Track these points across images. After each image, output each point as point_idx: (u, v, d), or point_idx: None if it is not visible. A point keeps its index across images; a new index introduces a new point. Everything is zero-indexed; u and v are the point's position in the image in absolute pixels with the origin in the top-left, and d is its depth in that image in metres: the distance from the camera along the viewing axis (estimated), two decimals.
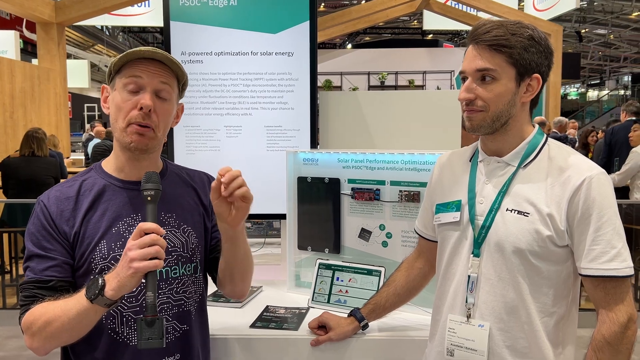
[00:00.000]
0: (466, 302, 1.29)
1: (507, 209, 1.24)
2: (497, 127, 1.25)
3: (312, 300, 1.87)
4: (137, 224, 1.17)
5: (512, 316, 1.24)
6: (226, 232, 1.31)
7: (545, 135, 1.30)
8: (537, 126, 1.31)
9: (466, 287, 1.29)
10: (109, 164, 1.31)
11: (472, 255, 1.29)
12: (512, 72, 1.21)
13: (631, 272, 1.17)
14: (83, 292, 1.11)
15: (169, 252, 1.28)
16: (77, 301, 1.11)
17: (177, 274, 1.31)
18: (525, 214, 1.22)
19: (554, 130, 8.33)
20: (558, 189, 1.20)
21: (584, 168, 1.20)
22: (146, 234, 1.08)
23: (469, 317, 1.29)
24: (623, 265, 1.17)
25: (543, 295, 1.23)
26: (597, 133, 8.14)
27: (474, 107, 1.24)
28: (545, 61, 1.25)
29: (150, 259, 1.06)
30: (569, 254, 1.23)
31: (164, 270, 1.28)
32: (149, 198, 1.14)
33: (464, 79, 1.27)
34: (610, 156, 5.94)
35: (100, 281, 1.09)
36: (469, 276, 1.28)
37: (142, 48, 1.23)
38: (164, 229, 1.22)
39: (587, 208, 1.18)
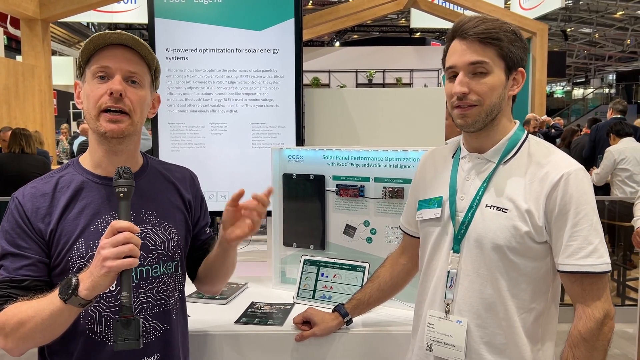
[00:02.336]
0: (445, 297, 1.30)
1: (486, 205, 1.25)
2: (488, 122, 1.25)
3: (297, 296, 1.88)
4: None
5: (490, 312, 1.25)
6: (223, 241, 1.32)
7: (525, 132, 1.31)
8: (517, 122, 1.32)
9: (445, 283, 1.30)
10: (86, 160, 1.28)
11: (451, 251, 1.30)
12: (502, 64, 1.23)
13: (608, 268, 1.18)
14: (56, 292, 1.08)
15: (150, 251, 1.26)
16: (50, 301, 1.08)
17: (158, 273, 1.28)
18: (504, 210, 1.23)
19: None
20: (537, 185, 1.21)
21: (562, 164, 1.21)
22: (120, 232, 1.05)
23: (447, 312, 1.30)
24: (599, 261, 1.17)
25: (521, 291, 1.23)
26: (581, 131, 8.26)
27: (467, 102, 1.22)
28: (525, 57, 1.28)
29: (125, 257, 1.04)
30: (548, 250, 1.23)
31: (144, 269, 1.25)
32: (121, 195, 1.10)
33: (453, 75, 1.25)
34: (594, 153, 6.04)
35: (73, 280, 1.06)
36: (448, 272, 1.30)
37: (108, 32, 1.19)
38: (144, 226, 1.24)
39: (564, 204, 1.18)
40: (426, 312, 1.35)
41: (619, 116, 6.01)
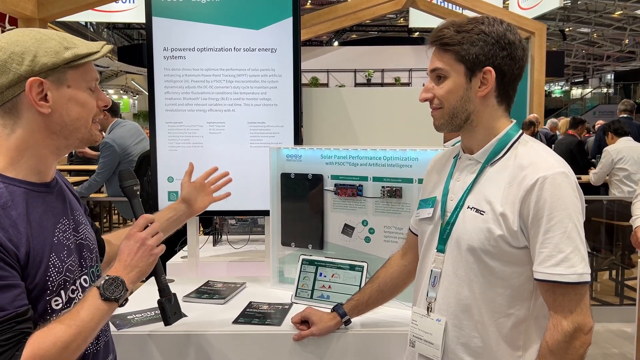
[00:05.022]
0: (427, 296, 1.31)
1: (468, 207, 1.25)
2: (459, 124, 1.26)
3: (296, 295, 1.87)
4: (69, 228, 1.15)
5: (466, 314, 1.24)
6: (180, 215, 1.65)
7: (519, 132, 1.28)
8: (512, 122, 1.29)
9: (427, 281, 1.32)
10: (13, 170, 1.08)
11: (435, 250, 1.31)
12: (461, 68, 1.22)
13: (580, 279, 1.12)
14: (95, 298, 1.07)
15: (91, 250, 1.23)
16: (95, 308, 1.06)
17: (99, 271, 1.27)
18: (481, 212, 1.21)
19: (545, 128, 8.43)
20: (515, 188, 1.18)
21: (541, 167, 1.16)
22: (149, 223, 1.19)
23: (429, 310, 1.31)
24: (569, 271, 1.12)
25: (498, 295, 1.21)
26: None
27: (433, 106, 1.28)
28: (502, 52, 1.21)
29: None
30: (530, 256, 1.19)
31: (93, 270, 1.23)
32: (137, 192, 1.24)
33: None
34: (600, 153, 6.07)
35: (119, 279, 1.10)
36: (432, 270, 1.31)
37: (103, 46, 1.14)
38: (83, 227, 1.22)
39: (538, 209, 1.14)
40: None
41: (625, 116, 6.10)
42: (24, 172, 1.09)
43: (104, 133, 4.56)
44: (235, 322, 1.69)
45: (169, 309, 1.28)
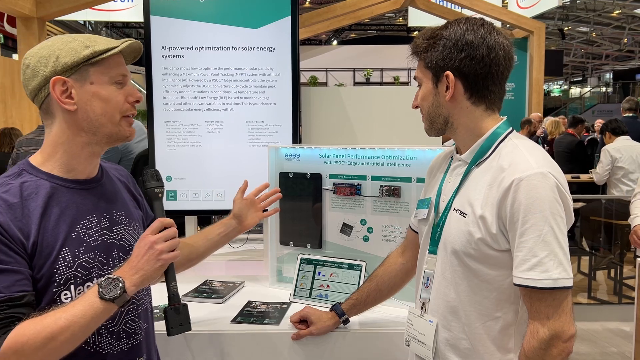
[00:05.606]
0: (420, 297, 1.32)
1: (454, 209, 1.24)
2: (440, 128, 1.28)
3: (294, 295, 1.87)
4: (95, 226, 1.18)
5: (454, 316, 1.24)
6: (230, 230, 1.64)
7: (507, 130, 1.24)
8: (501, 120, 1.25)
9: (422, 282, 1.32)
10: (49, 164, 1.17)
11: (428, 252, 1.31)
12: (429, 74, 1.26)
13: (554, 284, 1.08)
14: (92, 295, 1.05)
15: (127, 252, 1.24)
16: (88, 305, 1.04)
17: None
18: (464, 214, 1.20)
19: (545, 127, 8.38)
20: (494, 190, 1.15)
21: (519, 169, 1.12)
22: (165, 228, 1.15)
23: (423, 311, 1.31)
24: (543, 276, 1.08)
25: (484, 298, 1.19)
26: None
27: (421, 112, 1.32)
28: (459, 54, 1.19)
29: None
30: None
31: None
32: (160, 195, 1.24)
33: None
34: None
35: (119, 280, 1.07)
36: (424, 272, 1.31)
37: (132, 43, 1.19)
38: (119, 228, 1.24)
39: (513, 212, 1.11)
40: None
41: (631, 114, 6.08)
42: (57, 168, 1.16)
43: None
44: (234, 321, 1.69)
45: (172, 319, 1.20)
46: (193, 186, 2.34)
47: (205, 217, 3.02)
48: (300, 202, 2.00)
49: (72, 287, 1.12)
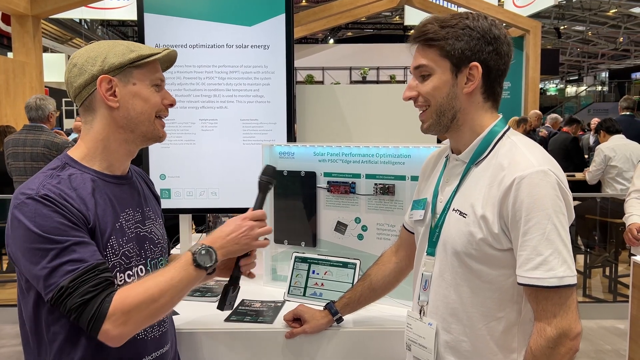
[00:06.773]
0: (419, 299, 1.30)
1: (453, 209, 1.22)
2: (446, 124, 1.22)
3: (288, 293, 1.87)
4: (132, 219, 1.27)
5: (454, 318, 1.22)
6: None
7: (504, 128, 1.23)
8: (498, 118, 1.24)
9: (419, 285, 1.30)
10: (89, 159, 1.24)
11: (426, 253, 1.29)
12: (446, 64, 1.19)
13: (560, 283, 1.07)
14: (187, 262, 1.16)
15: (156, 245, 1.34)
16: (185, 271, 1.15)
17: (163, 265, 1.36)
18: (464, 215, 1.19)
19: (547, 125, 8.40)
20: (495, 190, 1.14)
21: (520, 167, 1.11)
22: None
23: (421, 314, 1.29)
24: (548, 274, 1.07)
25: (486, 299, 1.18)
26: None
27: (418, 104, 1.25)
28: (488, 47, 1.17)
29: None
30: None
31: (154, 262, 1.32)
32: (269, 188, 1.40)
33: None
34: None
35: (213, 251, 1.19)
36: (422, 274, 1.29)
37: (171, 51, 1.29)
38: (149, 222, 1.34)
39: (515, 211, 1.10)
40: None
41: (627, 113, 6.07)
42: (98, 163, 1.24)
43: None
44: (228, 319, 1.69)
45: (229, 296, 1.34)
46: (187, 184, 2.33)
47: (200, 216, 3.01)
48: (295, 200, 2.00)
49: (117, 274, 1.19)
